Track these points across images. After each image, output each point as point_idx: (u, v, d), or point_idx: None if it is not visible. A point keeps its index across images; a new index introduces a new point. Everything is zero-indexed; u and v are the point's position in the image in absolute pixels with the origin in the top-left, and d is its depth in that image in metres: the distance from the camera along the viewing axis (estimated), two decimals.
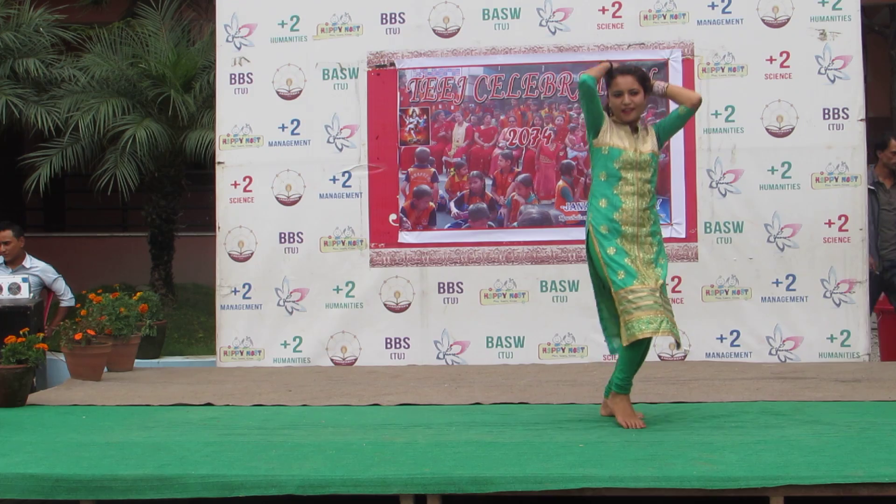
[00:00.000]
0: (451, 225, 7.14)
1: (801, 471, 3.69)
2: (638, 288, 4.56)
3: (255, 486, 3.75)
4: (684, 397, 5.42)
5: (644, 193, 4.71)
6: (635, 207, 4.69)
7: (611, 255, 4.64)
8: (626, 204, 4.67)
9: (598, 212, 4.72)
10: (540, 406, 5.28)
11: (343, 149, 7.19)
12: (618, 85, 4.74)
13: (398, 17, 7.18)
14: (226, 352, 7.22)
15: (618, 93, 4.74)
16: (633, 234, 4.68)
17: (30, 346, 5.48)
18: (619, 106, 4.73)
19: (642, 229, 4.70)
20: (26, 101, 9.22)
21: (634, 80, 4.73)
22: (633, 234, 4.68)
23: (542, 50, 7.07)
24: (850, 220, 6.84)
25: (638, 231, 4.69)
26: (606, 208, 4.69)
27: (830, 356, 6.82)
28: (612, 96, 4.76)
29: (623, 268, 4.60)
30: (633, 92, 4.71)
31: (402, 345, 7.13)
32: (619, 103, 4.73)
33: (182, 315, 10.15)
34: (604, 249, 4.66)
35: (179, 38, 9.84)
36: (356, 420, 4.94)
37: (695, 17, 6.96)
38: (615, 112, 4.77)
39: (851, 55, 6.87)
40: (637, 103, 4.72)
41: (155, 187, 10.12)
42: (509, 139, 7.10)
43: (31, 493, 3.85)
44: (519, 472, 3.77)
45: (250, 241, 7.23)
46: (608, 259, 4.64)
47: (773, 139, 6.91)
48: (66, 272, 7.91)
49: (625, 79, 4.73)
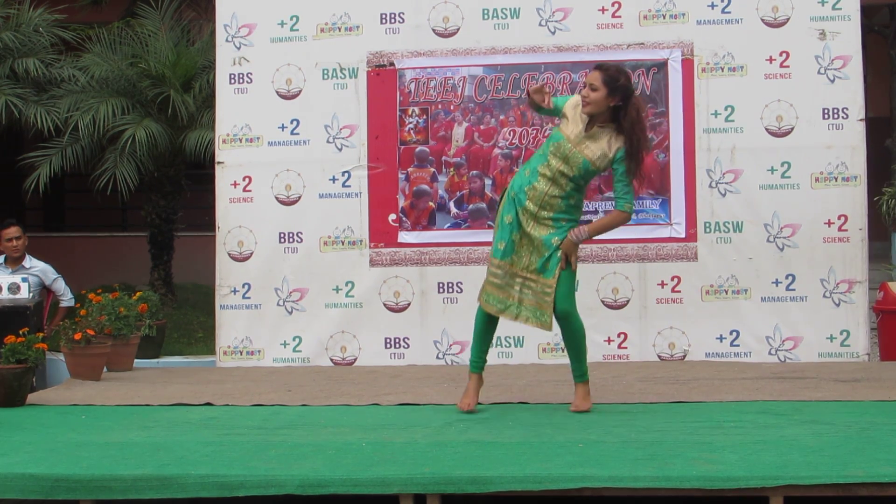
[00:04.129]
0: (450, 225, 7.14)
1: (801, 471, 3.69)
2: (502, 265, 4.94)
3: (255, 485, 3.75)
4: (684, 397, 5.42)
5: (558, 183, 4.90)
6: (544, 191, 4.90)
7: (504, 222, 4.97)
8: (539, 184, 4.91)
9: (519, 176, 5.05)
10: (540, 406, 5.28)
11: (343, 149, 7.18)
12: (587, 77, 4.98)
13: (398, 16, 7.18)
14: (225, 352, 7.21)
15: (584, 84, 5.00)
16: (533, 212, 4.91)
17: (29, 346, 5.48)
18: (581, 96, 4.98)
19: (542, 212, 4.92)
20: (26, 101, 9.22)
21: (599, 75, 4.87)
22: (532, 213, 4.91)
23: (542, 50, 7.07)
24: (849, 220, 6.84)
25: (538, 212, 4.92)
26: (527, 178, 4.97)
27: (830, 356, 6.82)
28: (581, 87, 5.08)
29: (504, 240, 4.94)
30: (592, 87, 4.87)
31: (401, 345, 7.12)
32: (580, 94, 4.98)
33: (182, 315, 10.16)
34: (502, 213, 4.98)
35: (179, 38, 9.84)
36: (356, 420, 4.94)
37: (694, 16, 6.96)
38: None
39: (851, 55, 6.86)
40: (592, 99, 4.87)
41: (154, 187, 10.13)
42: (509, 139, 7.10)
43: (31, 493, 3.85)
44: (518, 471, 3.77)
45: (250, 241, 7.23)
46: (499, 224, 5.00)
47: (772, 139, 6.90)
48: (66, 272, 7.90)
49: (592, 73, 4.94)
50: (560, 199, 4.91)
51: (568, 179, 4.89)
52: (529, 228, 4.91)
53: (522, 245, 4.94)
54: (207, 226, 7.99)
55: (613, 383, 5.96)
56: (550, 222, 4.92)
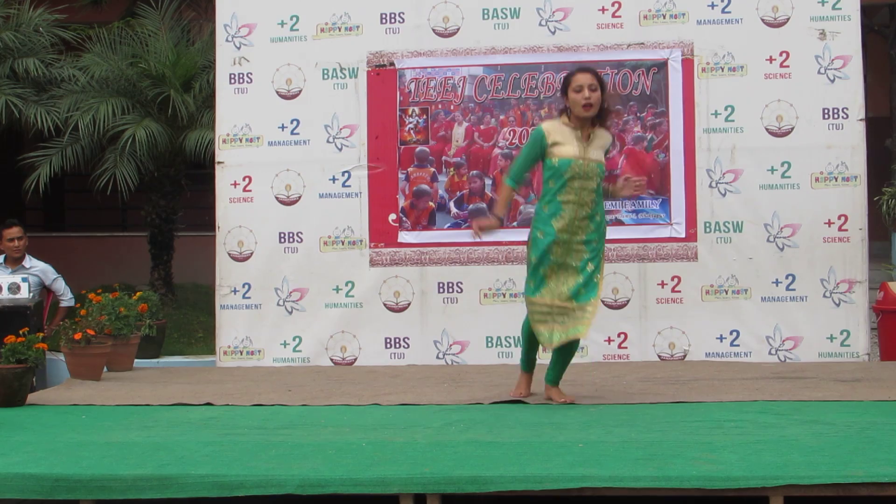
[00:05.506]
0: (450, 225, 7.14)
1: (801, 470, 3.69)
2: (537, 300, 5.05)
3: (255, 485, 3.75)
4: (684, 397, 5.42)
5: (584, 203, 4.95)
6: (574, 217, 4.96)
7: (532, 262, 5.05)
8: (566, 212, 4.95)
9: (538, 216, 5.08)
10: (540, 406, 5.28)
11: (343, 148, 7.18)
12: (577, 80, 4.96)
13: (398, 16, 7.18)
14: (225, 352, 7.22)
15: (578, 87, 4.94)
16: (567, 240, 4.98)
17: (29, 346, 5.48)
18: (580, 101, 4.93)
19: (575, 237, 4.98)
20: (26, 101, 9.22)
21: (591, 77, 4.95)
22: (566, 241, 4.98)
23: (542, 50, 7.07)
24: (849, 220, 6.84)
25: (571, 238, 4.98)
26: (547, 213, 4.99)
27: (830, 356, 6.82)
28: (572, 92, 4.95)
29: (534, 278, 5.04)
30: (592, 87, 4.90)
31: (401, 344, 7.13)
32: (580, 98, 4.93)
33: (182, 315, 10.16)
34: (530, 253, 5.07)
35: (179, 38, 9.84)
36: (356, 420, 4.94)
37: (694, 16, 6.96)
38: (574, 108, 4.96)
39: (851, 55, 6.87)
40: (595, 99, 4.91)
41: (154, 187, 10.12)
42: (509, 139, 7.09)
43: (31, 493, 3.85)
44: (518, 471, 3.77)
45: (250, 241, 7.23)
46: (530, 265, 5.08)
47: (772, 139, 6.91)
48: (66, 272, 7.90)
49: (584, 75, 4.95)
50: (588, 220, 5.01)
51: (591, 192, 4.98)
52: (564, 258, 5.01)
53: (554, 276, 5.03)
54: (207, 226, 7.99)
55: (613, 383, 5.96)
56: (584, 247, 5.02)
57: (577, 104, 4.95)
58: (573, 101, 4.97)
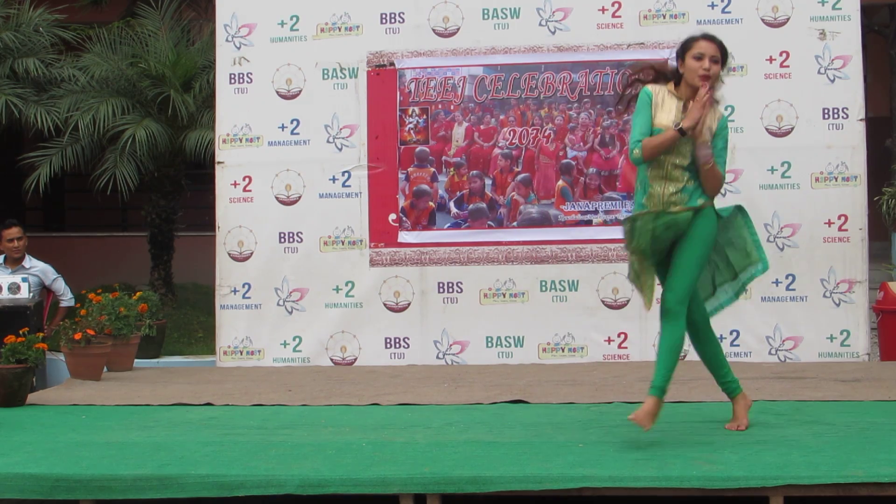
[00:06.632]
0: (450, 225, 7.14)
1: (801, 471, 3.69)
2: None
3: (255, 485, 3.76)
4: (684, 397, 5.41)
5: (673, 178, 4.37)
6: (661, 193, 4.38)
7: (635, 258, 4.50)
8: (654, 188, 4.40)
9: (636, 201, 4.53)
10: (539, 406, 5.28)
11: (343, 148, 7.18)
12: (700, 47, 4.35)
13: (398, 16, 7.18)
14: (225, 352, 7.22)
15: (699, 55, 4.34)
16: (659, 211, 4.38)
17: (29, 346, 5.48)
18: (698, 70, 4.32)
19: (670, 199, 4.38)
20: (26, 101, 9.22)
21: (715, 47, 4.36)
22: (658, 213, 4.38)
23: (542, 50, 7.06)
24: (849, 220, 6.84)
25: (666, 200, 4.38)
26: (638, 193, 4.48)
27: (830, 356, 6.82)
28: (690, 59, 4.35)
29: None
30: (714, 59, 4.33)
31: (401, 344, 7.12)
32: (699, 67, 4.32)
33: (182, 315, 10.15)
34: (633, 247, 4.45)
35: (179, 38, 9.84)
36: (356, 420, 4.94)
37: (694, 16, 6.96)
38: (690, 77, 4.36)
39: (851, 55, 6.86)
40: (715, 73, 4.34)
41: (154, 187, 10.12)
42: (509, 139, 7.09)
43: (31, 493, 3.86)
44: (518, 471, 3.77)
45: (250, 241, 7.23)
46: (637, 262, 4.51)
47: (772, 139, 6.91)
48: (66, 272, 7.90)
49: (708, 44, 4.36)
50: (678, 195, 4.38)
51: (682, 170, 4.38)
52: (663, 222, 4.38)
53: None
54: (207, 226, 7.99)
55: (613, 383, 5.96)
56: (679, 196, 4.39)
57: (694, 73, 4.32)
58: (689, 69, 4.34)
